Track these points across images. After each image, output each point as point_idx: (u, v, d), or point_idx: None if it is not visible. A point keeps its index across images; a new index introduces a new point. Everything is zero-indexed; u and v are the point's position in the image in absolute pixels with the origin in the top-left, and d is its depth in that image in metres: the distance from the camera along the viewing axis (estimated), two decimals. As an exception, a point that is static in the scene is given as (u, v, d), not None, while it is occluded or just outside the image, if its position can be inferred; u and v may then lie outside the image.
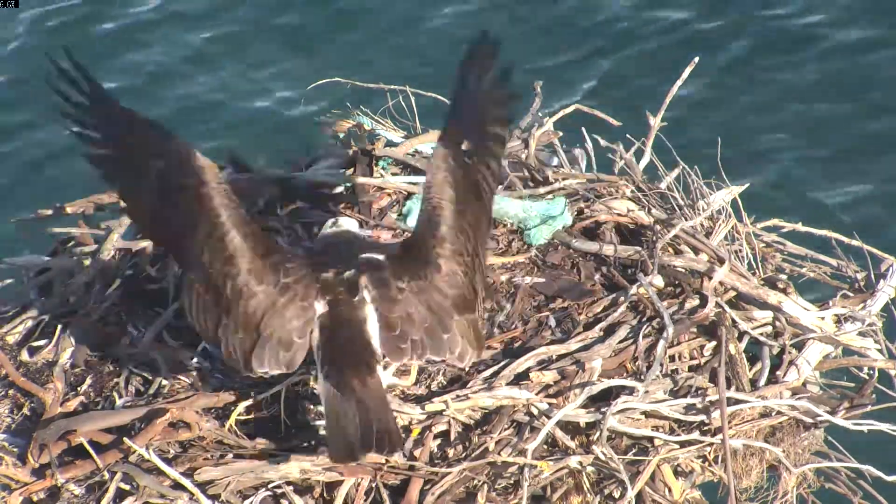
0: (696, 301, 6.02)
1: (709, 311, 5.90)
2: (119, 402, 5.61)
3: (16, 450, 5.46)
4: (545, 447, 5.50)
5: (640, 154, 6.90)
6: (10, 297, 6.30)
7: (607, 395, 5.60)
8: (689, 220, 6.34)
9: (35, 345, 5.92)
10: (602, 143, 7.01)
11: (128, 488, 5.30)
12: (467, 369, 5.61)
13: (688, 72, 6.96)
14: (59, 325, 5.94)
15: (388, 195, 6.62)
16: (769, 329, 6.05)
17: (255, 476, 5.31)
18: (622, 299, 5.98)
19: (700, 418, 5.64)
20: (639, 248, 6.24)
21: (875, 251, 6.38)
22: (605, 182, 6.65)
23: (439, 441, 5.50)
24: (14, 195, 10.90)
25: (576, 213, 6.48)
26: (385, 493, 5.33)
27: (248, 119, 11.47)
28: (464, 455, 5.44)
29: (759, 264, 6.38)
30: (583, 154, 7.04)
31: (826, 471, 6.02)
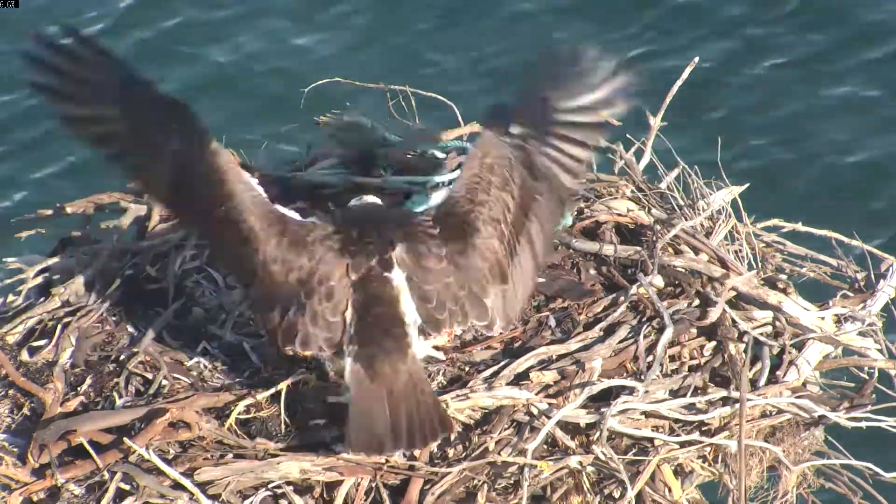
0: (696, 301, 6.03)
1: (716, 317, 5.90)
2: (119, 402, 5.61)
3: (16, 450, 5.45)
4: (545, 447, 5.50)
5: (640, 154, 6.89)
6: (10, 297, 6.30)
7: (607, 395, 5.60)
8: (689, 220, 6.33)
9: (35, 345, 5.90)
10: (602, 142, 6.99)
11: (128, 488, 5.29)
12: (496, 334, 5.65)
13: (688, 71, 6.94)
14: (59, 325, 5.93)
15: (388, 195, 6.61)
16: (769, 329, 6.05)
17: (255, 476, 5.30)
18: (622, 299, 5.97)
19: (700, 418, 5.64)
20: (639, 248, 6.23)
21: (875, 251, 6.37)
22: (605, 182, 6.64)
23: (439, 441, 5.50)
24: (14, 194, 10.91)
25: (576, 213, 6.47)
26: (385, 493, 5.33)
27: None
28: (464, 455, 5.44)
29: (760, 264, 6.38)
30: (583, 154, 7.01)
31: (826, 470, 6.01)
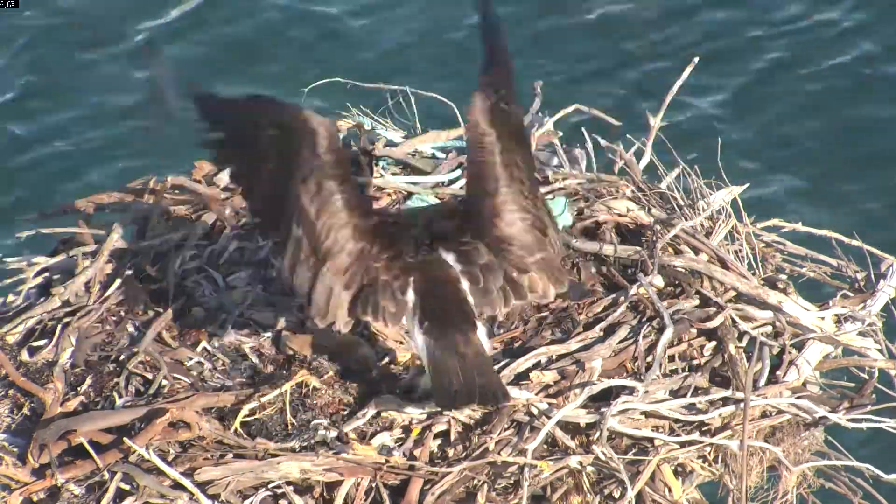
0: (696, 301, 6.03)
1: (718, 322, 5.90)
2: (119, 402, 5.61)
3: (16, 450, 5.45)
4: (545, 447, 5.50)
5: (640, 154, 6.89)
6: (10, 297, 6.30)
7: (607, 395, 5.60)
8: (689, 220, 6.33)
9: (35, 345, 5.91)
10: (602, 142, 7.01)
11: (128, 488, 5.30)
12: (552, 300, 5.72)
13: (688, 72, 6.94)
14: (59, 325, 5.94)
15: (388, 195, 6.62)
16: (769, 329, 6.05)
17: (255, 476, 5.30)
18: (622, 299, 5.97)
19: (700, 418, 5.64)
20: (639, 248, 6.23)
21: (875, 251, 6.37)
22: (605, 182, 6.65)
23: (439, 441, 5.50)
24: (13, 195, 10.92)
25: (576, 213, 6.47)
26: (385, 493, 5.33)
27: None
28: (464, 455, 5.44)
29: (759, 264, 6.38)
30: (583, 154, 7.03)
31: (826, 470, 6.01)
